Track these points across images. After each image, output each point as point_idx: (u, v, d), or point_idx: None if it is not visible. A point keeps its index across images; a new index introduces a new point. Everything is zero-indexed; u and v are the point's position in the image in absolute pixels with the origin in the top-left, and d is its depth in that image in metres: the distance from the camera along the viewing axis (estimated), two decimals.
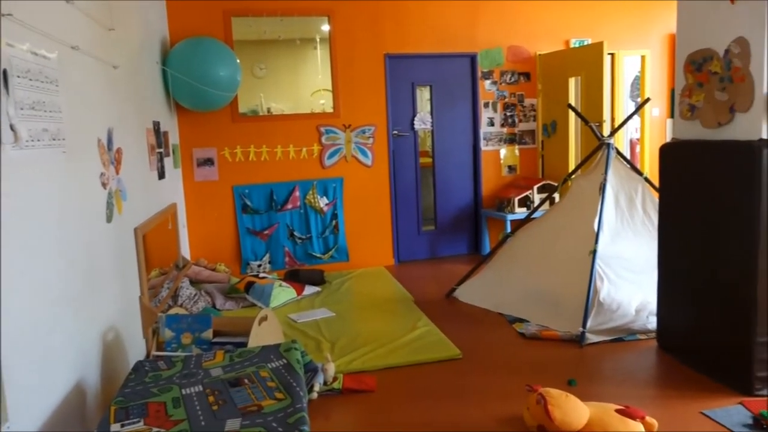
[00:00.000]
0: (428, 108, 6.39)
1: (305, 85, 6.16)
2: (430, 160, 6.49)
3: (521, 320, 4.23)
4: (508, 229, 5.64)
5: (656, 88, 6.90)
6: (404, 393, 3.23)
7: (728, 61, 3.04)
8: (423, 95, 6.50)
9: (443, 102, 6.37)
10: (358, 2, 5.88)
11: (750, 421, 2.70)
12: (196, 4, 5.44)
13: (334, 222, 5.99)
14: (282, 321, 4.32)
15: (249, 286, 4.91)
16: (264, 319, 3.28)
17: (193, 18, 5.43)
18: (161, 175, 4.42)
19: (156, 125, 4.36)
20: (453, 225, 6.53)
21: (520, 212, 5.92)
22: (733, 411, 2.81)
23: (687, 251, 3.36)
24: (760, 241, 2.86)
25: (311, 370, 3.09)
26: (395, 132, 6.20)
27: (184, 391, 2.29)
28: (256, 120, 5.82)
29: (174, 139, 5.25)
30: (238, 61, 5.24)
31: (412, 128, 6.31)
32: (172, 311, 3.63)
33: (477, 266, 5.01)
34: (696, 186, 3.26)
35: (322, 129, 5.92)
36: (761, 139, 2.87)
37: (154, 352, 2.96)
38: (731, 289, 3.04)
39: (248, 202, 5.74)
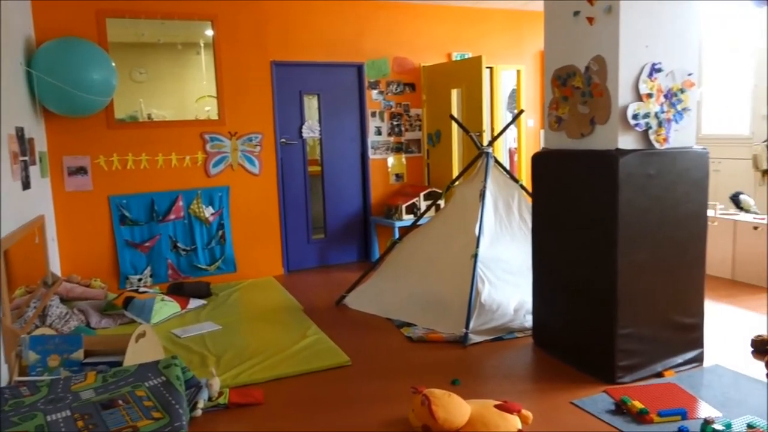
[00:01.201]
0: (317, 116, 6.40)
1: (189, 91, 5.95)
2: (319, 168, 6.49)
3: (409, 324, 4.33)
4: (397, 236, 5.76)
5: (531, 100, 7.36)
6: (293, 403, 3.19)
7: (588, 77, 3.31)
8: (311, 103, 6.50)
9: (331, 111, 6.40)
10: (242, 8, 5.78)
11: (613, 408, 2.94)
12: (65, 3, 5.09)
13: (220, 232, 5.81)
14: (164, 337, 4.12)
15: (128, 301, 4.64)
16: (141, 335, 3.12)
17: (62, 17, 5.06)
18: (26, 186, 4.08)
19: (19, 131, 4.02)
20: (343, 233, 6.56)
21: (408, 219, 6.06)
22: (599, 399, 3.05)
23: (557, 252, 3.61)
24: (618, 240, 3.13)
25: (194, 387, 2.97)
26: (283, 140, 6.15)
27: (49, 418, 2.12)
28: (135, 126, 5.53)
29: (41, 146, 4.87)
30: (113, 64, 4.95)
31: (301, 136, 6.28)
32: (38, 332, 3.36)
33: (366, 273, 5.06)
34: (563, 191, 3.52)
35: (207, 136, 5.74)
36: (617, 149, 3.15)
37: (16, 378, 2.72)
38: (595, 286, 3.30)
39: (127, 213, 5.43)
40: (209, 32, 5.73)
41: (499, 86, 7.29)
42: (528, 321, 4.04)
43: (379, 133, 6.61)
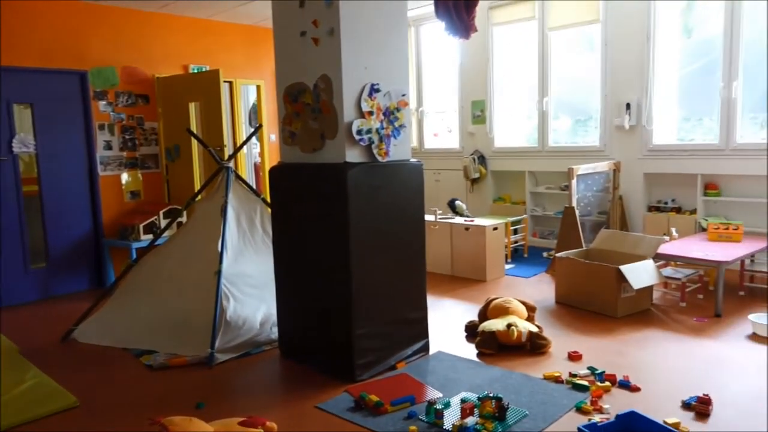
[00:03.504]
0: (31, 129, 5.61)
1: None
2: (36, 187, 5.70)
3: (149, 352, 4.04)
4: (134, 257, 5.33)
5: (272, 115, 7.48)
6: None
7: (317, 94, 3.49)
8: (24, 115, 5.68)
9: (49, 123, 5.68)
10: None
11: (353, 405, 3.12)
12: None
13: None
14: None
15: None
16: None
17: None
18: None
19: None
20: (69, 259, 5.86)
21: (147, 239, 5.67)
22: (340, 399, 3.21)
23: (297, 262, 3.72)
24: (350, 247, 3.34)
25: None
26: None
27: None
28: None
29: None
30: None
31: (11, 152, 5.45)
32: None
33: (98, 301, 4.59)
34: (300, 203, 3.64)
35: None
36: (346, 162, 3.37)
37: None
38: (332, 292, 3.47)
39: None
40: None
41: (240, 100, 7.27)
42: (275, 333, 4.08)
43: (109, 147, 6.07)
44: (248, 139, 5.01)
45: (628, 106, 6.24)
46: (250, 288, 4.25)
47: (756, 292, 4.94)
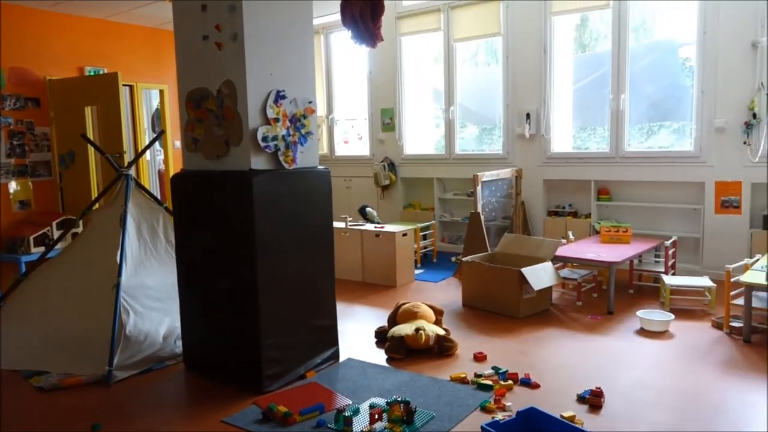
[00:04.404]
0: None
1: None
2: None
3: (41, 373, 3.77)
4: (23, 272, 4.97)
5: (176, 121, 7.22)
6: None
7: (221, 100, 3.41)
8: None
9: None
10: None
11: (261, 417, 3.06)
12: None
13: None
14: None
15: None
16: None
17: None
18: None
19: None
20: None
21: (38, 251, 5.30)
22: (248, 411, 3.14)
23: (201, 272, 3.61)
24: (257, 255, 3.28)
25: None
26: None
27: None
28: None
29: None
30: None
31: None
32: None
33: None
34: (204, 211, 3.54)
35: None
36: (251, 169, 3.31)
37: None
38: (239, 300, 3.40)
39: None
40: None
41: (142, 105, 6.98)
42: (179, 347, 3.93)
43: None
44: (149, 145, 4.82)
45: (528, 115, 6.55)
46: (152, 301, 4.08)
47: (644, 290, 5.31)
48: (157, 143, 7.28)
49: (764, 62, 5.22)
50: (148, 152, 7.35)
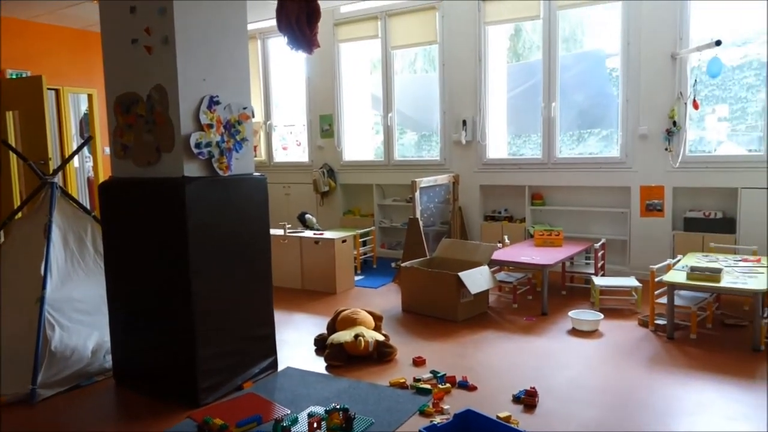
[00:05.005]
0: None
1: None
2: None
3: None
4: None
5: (105, 126, 6.95)
6: None
7: (151, 105, 3.31)
8: None
9: None
10: None
11: (196, 431, 2.98)
12: None
13: None
14: None
15: None
16: None
17: None
18: None
19: None
20: None
21: None
22: (183, 425, 3.05)
23: (132, 283, 3.49)
24: (190, 264, 3.20)
25: None
26: None
27: None
28: None
29: None
30: None
31: None
32: None
33: None
34: (134, 220, 3.42)
35: None
36: (184, 177, 3.23)
37: None
38: (172, 311, 3.30)
39: None
40: None
41: (69, 110, 6.70)
42: (108, 362, 3.77)
43: None
44: (76, 152, 4.63)
45: (464, 122, 6.68)
46: (79, 314, 3.89)
47: (576, 291, 5.50)
48: (85, 150, 7.02)
49: (683, 73, 5.53)
50: (76, 159, 7.08)
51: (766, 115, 5.29)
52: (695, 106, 5.38)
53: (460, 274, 4.62)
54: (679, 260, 4.74)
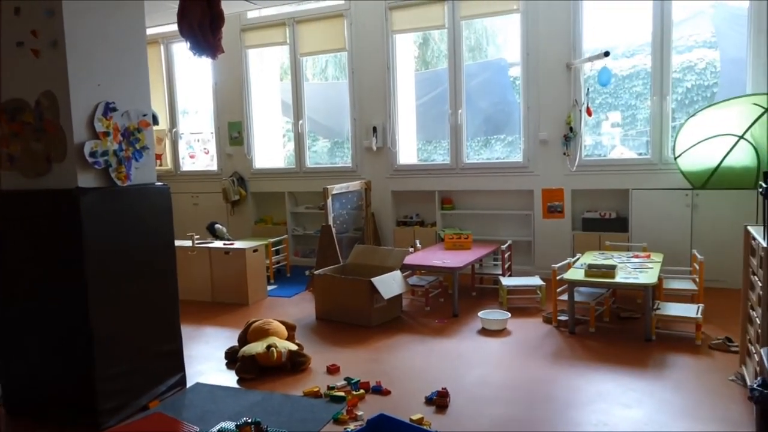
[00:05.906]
0: None
1: None
2: None
3: None
4: None
5: None
6: None
7: (40, 112, 3.10)
8: None
9: None
10: None
11: None
12: None
13: None
14: None
15: None
16: None
17: None
18: None
19: None
20: None
21: None
22: None
23: (23, 303, 3.25)
24: (87, 280, 3.02)
25: None
26: None
27: None
28: None
29: None
30: None
31: None
32: None
33: None
34: (24, 236, 3.19)
35: None
36: (78, 188, 3.05)
37: None
38: (68, 331, 3.10)
39: None
40: None
41: None
42: None
43: None
44: None
45: (375, 129, 6.75)
46: None
47: (485, 292, 5.68)
48: None
49: (577, 82, 5.87)
50: None
51: (652, 121, 5.71)
52: (589, 113, 5.72)
53: (372, 279, 4.64)
54: (578, 258, 5.01)
